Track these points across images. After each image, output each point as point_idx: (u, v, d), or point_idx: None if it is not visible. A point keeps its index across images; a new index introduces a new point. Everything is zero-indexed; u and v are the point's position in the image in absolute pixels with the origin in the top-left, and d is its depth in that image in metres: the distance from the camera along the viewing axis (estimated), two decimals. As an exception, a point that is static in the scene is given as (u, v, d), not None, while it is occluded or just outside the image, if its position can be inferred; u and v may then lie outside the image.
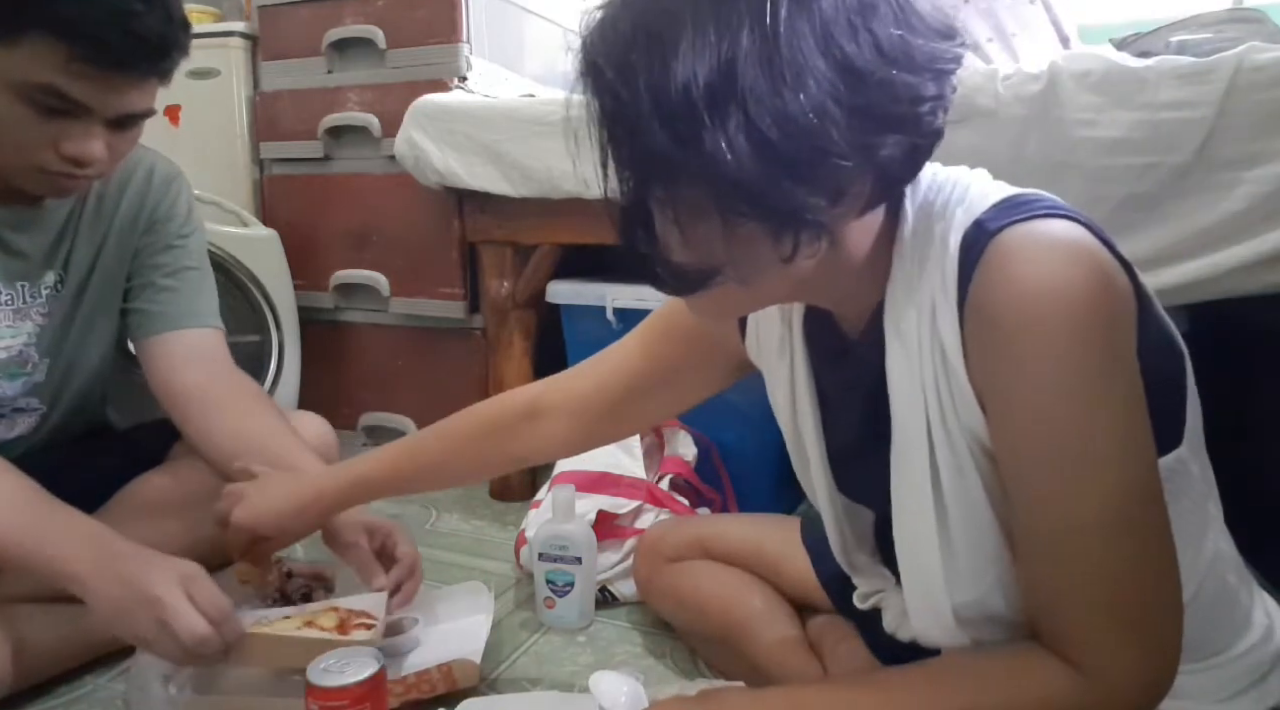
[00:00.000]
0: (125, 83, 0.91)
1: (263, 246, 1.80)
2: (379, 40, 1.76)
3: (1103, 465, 0.58)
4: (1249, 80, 1.02)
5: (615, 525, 1.29)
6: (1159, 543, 0.60)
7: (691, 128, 0.52)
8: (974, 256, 0.60)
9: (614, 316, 1.52)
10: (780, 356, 0.80)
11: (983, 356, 0.60)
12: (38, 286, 1.08)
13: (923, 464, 0.64)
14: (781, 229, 0.56)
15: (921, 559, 0.66)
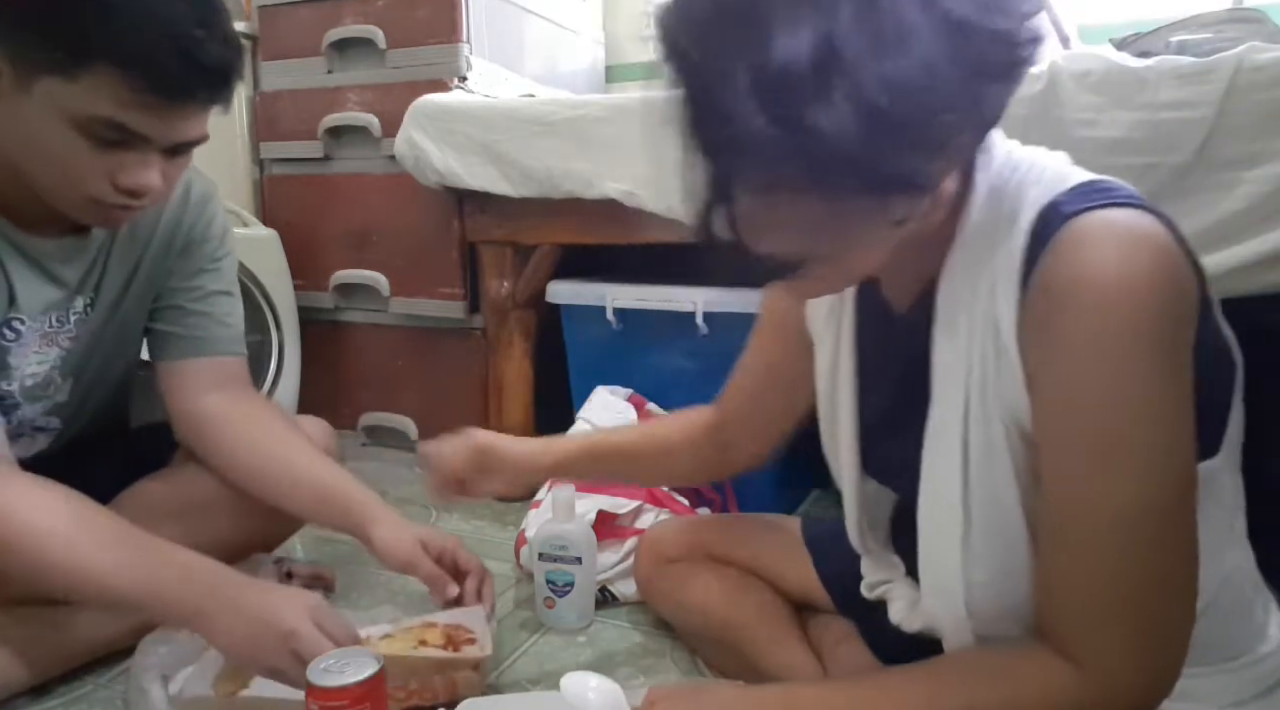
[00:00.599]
0: (186, 112, 0.90)
1: (263, 246, 1.80)
2: (379, 40, 1.76)
3: (1143, 460, 0.58)
4: (1249, 80, 1.02)
5: (615, 525, 1.29)
6: (1182, 547, 0.59)
7: (794, 106, 0.50)
8: (1045, 237, 0.59)
9: (614, 316, 1.52)
10: (828, 324, 0.80)
11: (1040, 337, 0.60)
12: (67, 312, 1.06)
13: (956, 441, 0.64)
14: (891, 195, 0.56)
15: (942, 536, 0.66)
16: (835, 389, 0.81)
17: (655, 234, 1.46)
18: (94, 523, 0.89)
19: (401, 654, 0.90)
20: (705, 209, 0.58)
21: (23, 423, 1.06)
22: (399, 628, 0.99)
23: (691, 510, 1.36)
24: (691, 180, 0.58)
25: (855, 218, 0.57)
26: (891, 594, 0.82)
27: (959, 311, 0.64)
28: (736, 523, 1.15)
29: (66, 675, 1.04)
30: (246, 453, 1.12)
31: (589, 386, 1.52)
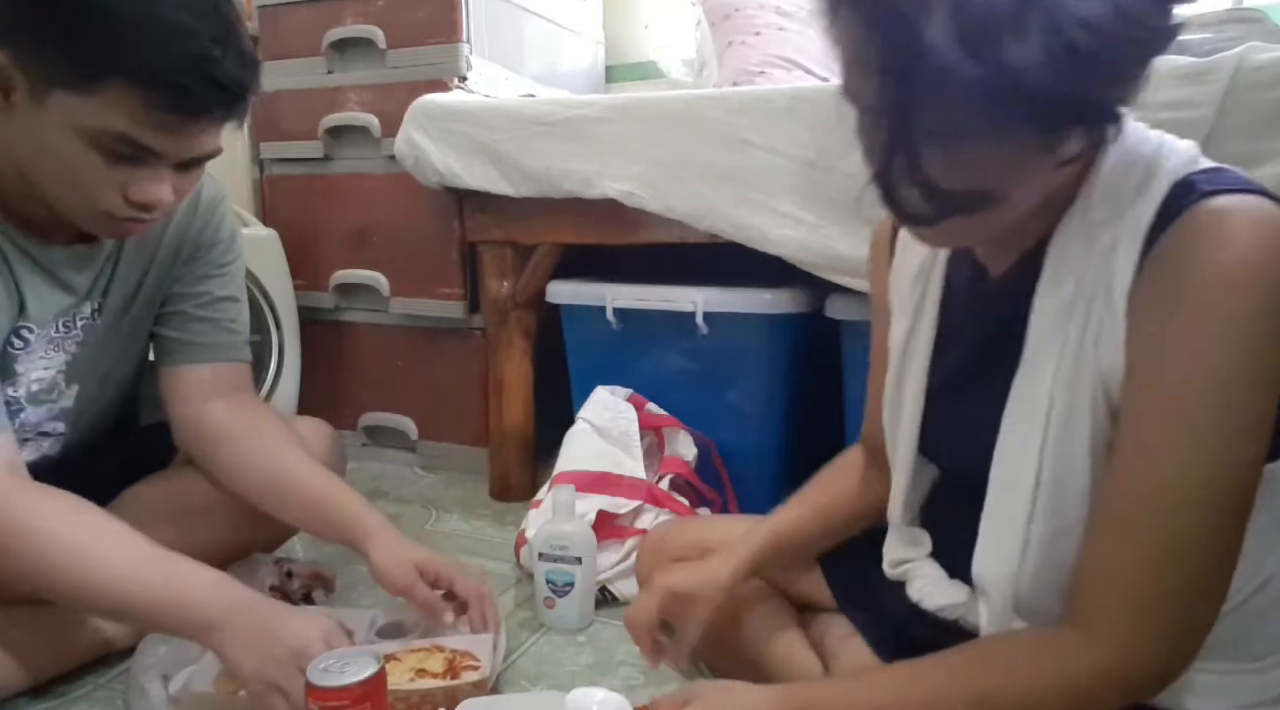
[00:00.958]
0: (200, 129, 0.90)
1: (263, 246, 1.80)
2: (379, 40, 1.76)
3: (1226, 444, 0.59)
4: (1249, 80, 1.02)
5: (615, 525, 1.29)
6: (1235, 537, 0.61)
7: (993, 43, 0.52)
8: (1176, 210, 0.60)
9: (614, 316, 1.52)
10: (914, 285, 0.81)
11: (1154, 305, 0.60)
12: (74, 318, 1.06)
13: (1042, 398, 0.65)
14: (1072, 130, 0.58)
15: (1013, 488, 0.67)
16: (907, 356, 0.82)
17: (655, 234, 1.46)
18: (109, 534, 0.89)
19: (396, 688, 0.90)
20: (888, 154, 0.58)
21: (27, 427, 1.06)
22: (406, 648, 0.99)
23: (691, 510, 1.36)
24: (870, 129, 0.60)
25: (1029, 156, 0.59)
26: (913, 572, 0.82)
27: (1069, 269, 0.65)
28: (739, 524, 1.15)
29: (66, 675, 1.04)
30: (245, 466, 1.12)
31: (589, 386, 1.52)
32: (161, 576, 0.88)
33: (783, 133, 1.30)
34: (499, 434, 1.72)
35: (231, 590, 0.90)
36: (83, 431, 1.14)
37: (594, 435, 1.41)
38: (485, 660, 0.97)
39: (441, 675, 0.95)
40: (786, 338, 1.46)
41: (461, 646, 0.99)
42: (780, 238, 1.32)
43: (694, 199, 1.38)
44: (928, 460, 0.83)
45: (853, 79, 0.62)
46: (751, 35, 1.75)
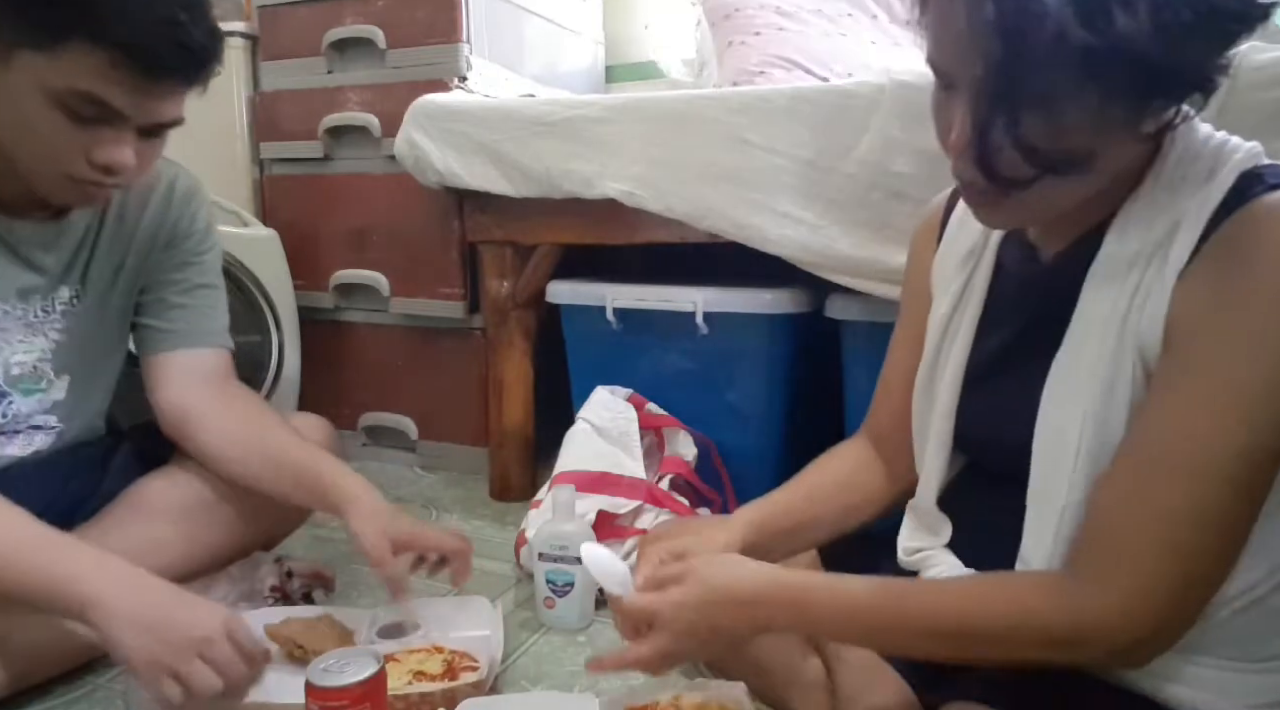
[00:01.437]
0: (165, 92, 0.91)
1: (263, 246, 1.80)
2: (379, 40, 1.76)
3: (1258, 423, 0.60)
4: (1249, 80, 1.02)
5: (615, 525, 1.29)
6: (1245, 521, 0.62)
7: (1106, 15, 0.56)
8: (1242, 199, 0.63)
9: (614, 316, 1.52)
10: (961, 268, 0.83)
11: (1211, 284, 0.62)
12: (51, 301, 1.06)
13: (1087, 366, 0.68)
14: (1163, 96, 0.61)
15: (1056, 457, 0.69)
16: (947, 336, 0.83)
17: (655, 234, 1.46)
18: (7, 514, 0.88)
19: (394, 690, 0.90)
20: (991, 116, 0.61)
21: (18, 418, 1.06)
22: (405, 649, 0.99)
23: (691, 510, 1.36)
24: (965, 100, 0.63)
25: (1119, 123, 0.61)
26: (929, 561, 0.82)
27: (1126, 249, 0.67)
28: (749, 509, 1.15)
29: (66, 675, 1.04)
30: (230, 442, 1.12)
31: (589, 386, 1.52)
32: (43, 548, 0.86)
33: (783, 133, 1.30)
34: (499, 434, 1.72)
35: (116, 568, 0.86)
36: (77, 429, 1.14)
37: (594, 435, 1.41)
38: (484, 661, 0.97)
39: (440, 677, 0.95)
40: (786, 338, 1.46)
41: (460, 648, 0.99)
42: (780, 238, 1.32)
43: (694, 199, 1.38)
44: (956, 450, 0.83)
45: (948, 51, 0.64)
46: (751, 35, 1.75)
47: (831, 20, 1.79)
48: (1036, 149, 0.60)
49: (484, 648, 0.99)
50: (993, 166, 0.62)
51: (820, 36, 1.75)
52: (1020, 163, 0.61)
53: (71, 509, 1.11)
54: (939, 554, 0.82)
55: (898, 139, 1.20)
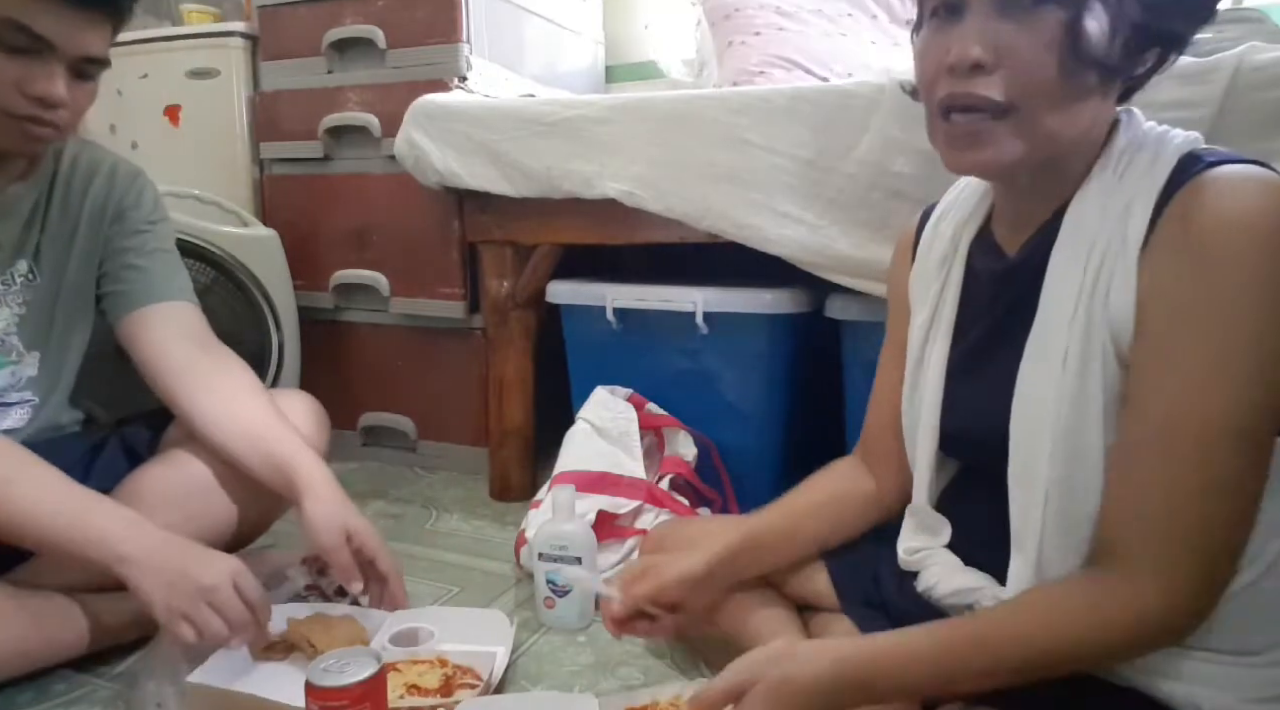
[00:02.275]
0: (85, 21, 0.97)
1: (263, 246, 1.80)
2: (379, 40, 1.76)
3: (1240, 381, 0.62)
4: (1249, 80, 1.02)
5: (615, 525, 1.29)
6: (1257, 478, 0.64)
7: None
8: (1184, 177, 0.66)
9: (614, 316, 1.52)
10: (937, 273, 0.86)
11: (1167, 255, 0.65)
12: (10, 274, 1.11)
13: (1058, 347, 0.70)
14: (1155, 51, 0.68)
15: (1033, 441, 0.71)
16: (928, 342, 0.85)
17: (655, 234, 1.46)
18: (33, 468, 0.96)
19: None
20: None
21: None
22: (410, 658, 0.99)
23: (691, 510, 1.36)
24: None
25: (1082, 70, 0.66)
26: (928, 560, 0.83)
27: (1084, 230, 0.70)
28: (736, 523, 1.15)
29: (66, 675, 1.04)
30: (210, 413, 1.13)
31: (589, 386, 1.52)
32: (80, 509, 0.95)
33: (783, 133, 1.30)
34: (499, 434, 1.72)
35: (145, 528, 0.97)
36: (53, 408, 1.16)
37: (594, 435, 1.41)
38: (486, 677, 0.97)
39: (434, 691, 0.94)
40: (786, 338, 1.46)
41: (465, 663, 0.98)
42: (780, 238, 1.32)
43: (694, 199, 1.38)
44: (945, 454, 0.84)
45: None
46: (751, 35, 1.75)
47: (831, 20, 1.79)
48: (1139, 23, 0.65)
49: (489, 664, 0.98)
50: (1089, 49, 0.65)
51: (820, 36, 1.75)
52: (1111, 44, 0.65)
53: None
54: (938, 553, 0.83)
55: (898, 139, 1.20)
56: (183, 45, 1.98)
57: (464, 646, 1.02)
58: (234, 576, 0.95)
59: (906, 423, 0.88)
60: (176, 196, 1.78)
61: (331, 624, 1.04)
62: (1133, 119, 0.73)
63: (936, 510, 0.85)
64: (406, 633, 1.05)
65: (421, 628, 1.06)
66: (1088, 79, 0.67)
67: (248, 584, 0.96)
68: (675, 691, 0.90)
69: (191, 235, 1.69)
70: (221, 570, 0.95)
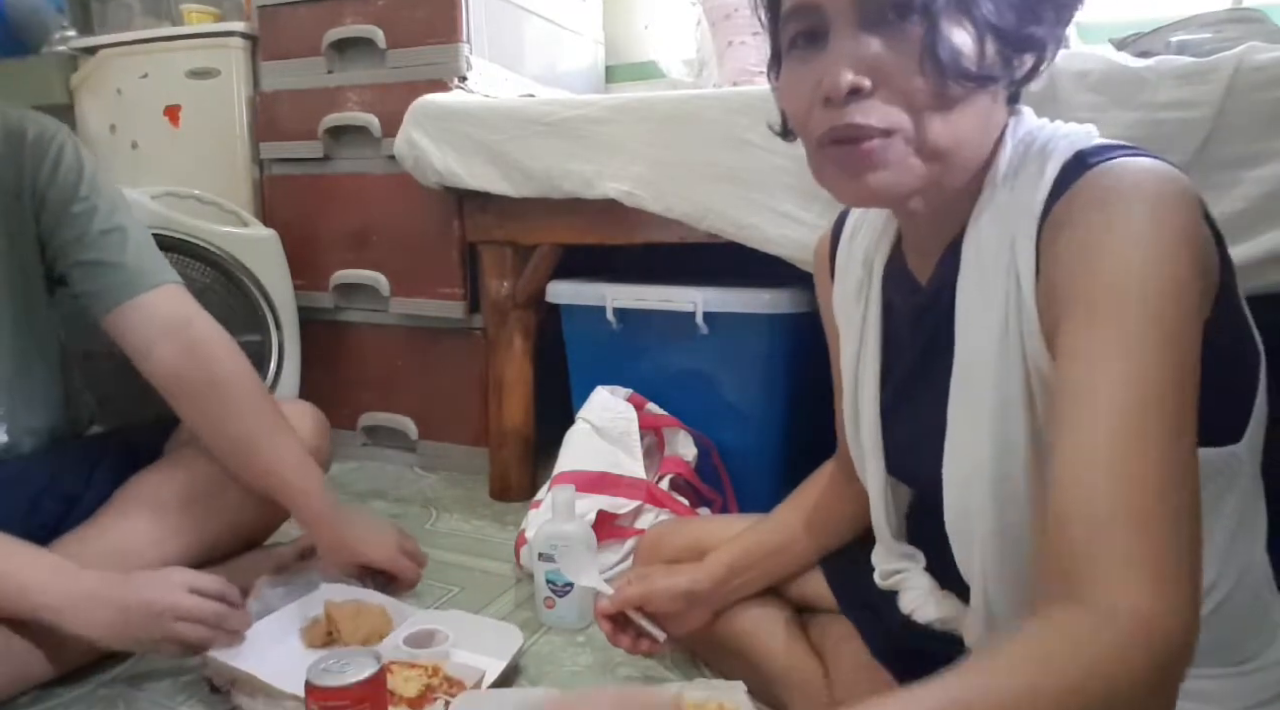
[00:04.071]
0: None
1: (263, 246, 1.80)
2: (379, 40, 1.76)
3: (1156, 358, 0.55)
4: (1249, 80, 1.02)
5: (615, 525, 1.29)
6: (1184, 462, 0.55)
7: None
8: (1067, 182, 0.62)
9: (614, 316, 1.52)
10: (855, 305, 0.83)
11: (1055, 255, 0.61)
12: None
13: (980, 394, 0.66)
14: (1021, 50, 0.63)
15: (966, 487, 0.67)
16: (859, 378, 0.83)
17: (655, 234, 1.46)
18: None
19: None
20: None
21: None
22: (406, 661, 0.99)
23: (691, 510, 1.36)
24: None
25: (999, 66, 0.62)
26: (905, 583, 0.82)
27: (985, 258, 0.66)
28: (736, 523, 1.15)
29: (67, 675, 1.04)
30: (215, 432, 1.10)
31: (589, 386, 1.52)
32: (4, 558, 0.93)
33: (783, 133, 1.30)
34: (499, 434, 1.72)
35: (67, 575, 0.94)
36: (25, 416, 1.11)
37: (594, 435, 1.41)
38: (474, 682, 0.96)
39: (406, 700, 0.92)
40: (786, 338, 1.46)
41: (458, 675, 0.97)
42: (780, 238, 1.32)
43: (694, 199, 1.38)
44: (897, 479, 0.83)
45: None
46: (751, 35, 1.75)
47: (831, 20, 1.78)
48: (999, 29, 0.61)
49: (477, 678, 0.97)
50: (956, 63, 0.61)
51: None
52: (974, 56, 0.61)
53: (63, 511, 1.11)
54: (913, 576, 0.82)
55: (897, 139, 1.20)
56: (183, 45, 1.98)
57: (463, 656, 1.02)
58: (185, 584, 0.95)
59: (854, 454, 0.86)
60: (177, 196, 1.78)
61: (361, 612, 1.08)
62: (1020, 122, 0.68)
63: (907, 524, 0.84)
64: (422, 634, 1.05)
65: (438, 630, 1.06)
66: (965, 88, 0.62)
67: (202, 582, 0.96)
68: (674, 691, 0.90)
69: (191, 235, 1.69)
70: (172, 584, 0.95)
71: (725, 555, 0.96)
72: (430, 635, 1.05)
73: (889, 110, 0.62)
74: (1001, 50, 0.63)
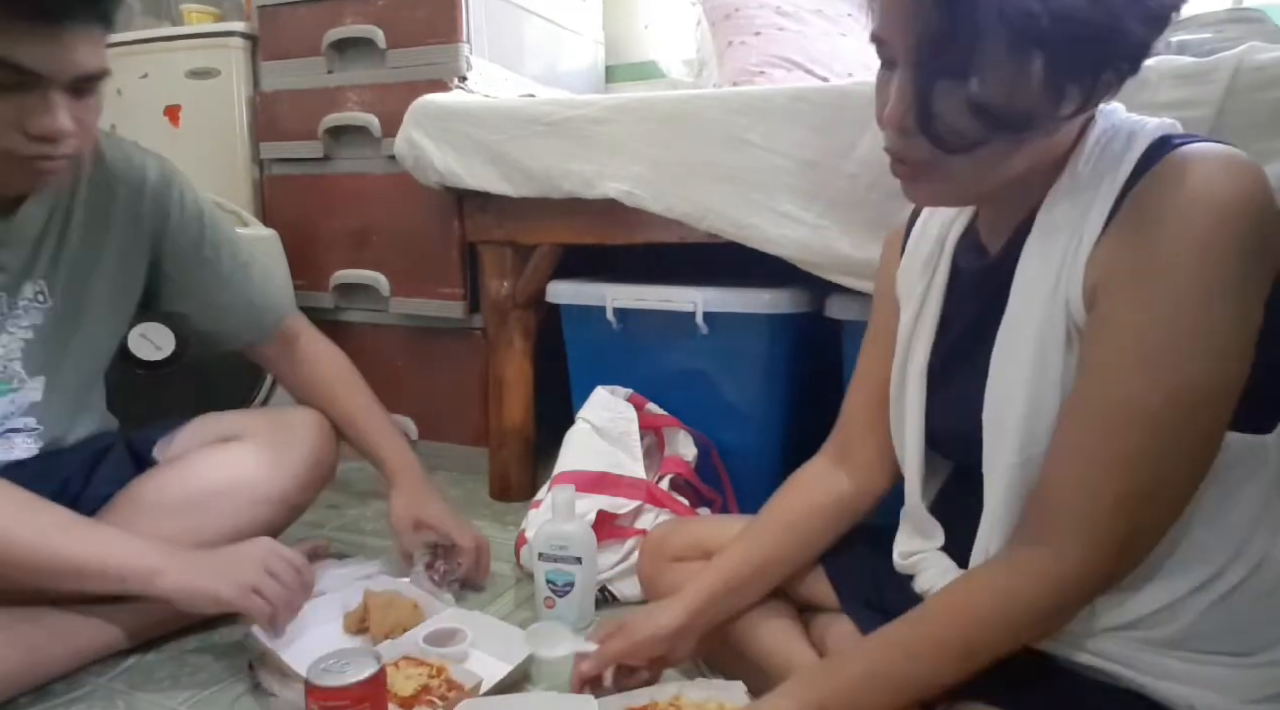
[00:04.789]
0: (70, 37, 0.87)
1: (263, 246, 1.80)
2: (379, 40, 1.76)
3: (1188, 361, 0.62)
4: (1249, 80, 1.02)
5: (615, 525, 1.29)
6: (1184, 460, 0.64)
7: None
8: (1149, 162, 0.66)
9: (614, 316, 1.52)
10: (922, 273, 0.86)
11: (1120, 236, 0.65)
12: (14, 299, 1.05)
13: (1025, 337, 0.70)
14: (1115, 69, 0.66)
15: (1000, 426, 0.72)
16: (912, 342, 0.86)
17: (655, 234, 1.46)
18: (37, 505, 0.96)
19: None
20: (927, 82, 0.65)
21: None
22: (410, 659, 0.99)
23: (691, 510, 1.36)
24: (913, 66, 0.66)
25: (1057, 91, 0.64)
26: (923, 563, 0.83)
27: (1054, 226, 0.70)
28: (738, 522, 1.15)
29: (67, 676, 1.04)
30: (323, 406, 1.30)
31: (589, 386, 1.52)
32: (89, 534, 0.98)
33: (783, 133, 1.30)
34: (499, 434, 1.72)
35: (158, 540, 1.01)
36: (60, 432, 1.13)
37: (594, 435, 1.41)
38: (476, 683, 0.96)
39: (399, 699, 0.92)
40: (786, 338, 1.46)
41: (460, 679, 0.96)
42: (780, 238, 1.32)
43: (694, 199, 1.38)
44: (933, 451, 0.85)
45: (890, 21, 0.67)
46: (751, 35, 1.75)
47: (831, 20, 1.79)
48: (982, 104, 0.63)
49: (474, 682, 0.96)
50: (933, 126, 0.65)
51: (820, 36, 1.75)
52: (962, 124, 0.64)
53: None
54: (932, 557, 0.83)
55: (898, 139, 1.20)
56: (183, 45, 1.98)
57: (479, 658, 1.03)
58: (272, 547, 1.03)
59: (894, 426, 0.89)
60: (176, 196, 1.78)
61: (393, 603, 1.11)
62: (1110, 113, 0.72)
63: (931, 512, 0.85)
64: (443, 632, 1.06)
65: (460, 630, 1.06)
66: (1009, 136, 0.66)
67: (286, 551, 1.03)
68: (674, 692, 0.90)
69: (191, 235, 1.69)
70: (260, 543, 1.03)
71: (705, 585, 0.94)
72: (451, 634, 1.06)
73: (928, 150, 0.67)
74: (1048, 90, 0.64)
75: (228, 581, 0.98)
